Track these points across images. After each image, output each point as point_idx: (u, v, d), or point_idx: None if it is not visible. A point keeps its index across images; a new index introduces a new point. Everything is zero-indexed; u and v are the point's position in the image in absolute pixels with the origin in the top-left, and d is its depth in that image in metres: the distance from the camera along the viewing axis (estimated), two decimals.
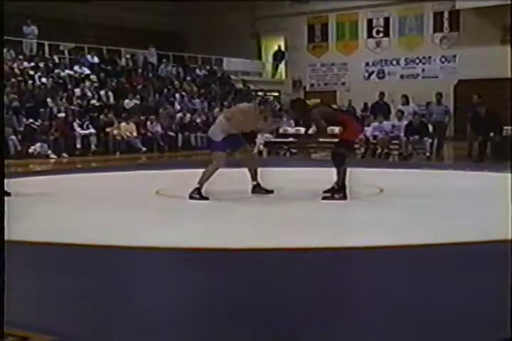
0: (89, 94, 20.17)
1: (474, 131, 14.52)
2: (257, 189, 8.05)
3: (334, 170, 7.66)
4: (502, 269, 4.20)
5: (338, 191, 7.52)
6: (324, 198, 7.54)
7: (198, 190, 7.66)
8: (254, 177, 8.09)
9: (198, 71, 25.84)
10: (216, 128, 7.96)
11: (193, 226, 6.00)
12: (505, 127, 14.57)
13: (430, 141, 15.28)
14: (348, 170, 7.81)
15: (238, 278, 4.28)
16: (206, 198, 7.61)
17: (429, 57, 26.12)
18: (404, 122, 15.59)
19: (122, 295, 3.89)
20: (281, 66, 29.75)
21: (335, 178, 7.65)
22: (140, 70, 23.82)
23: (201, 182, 7.70)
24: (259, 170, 8.12)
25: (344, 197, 7.47)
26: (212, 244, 5.24)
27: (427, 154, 15.21)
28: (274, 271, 4.49)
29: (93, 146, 17.99)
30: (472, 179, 10.57)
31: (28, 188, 9.08)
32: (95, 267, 4.66)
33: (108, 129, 18.44)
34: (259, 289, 4.00)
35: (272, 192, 8.03)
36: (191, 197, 7.62)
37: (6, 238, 3.32)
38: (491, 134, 14.11)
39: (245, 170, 8.13)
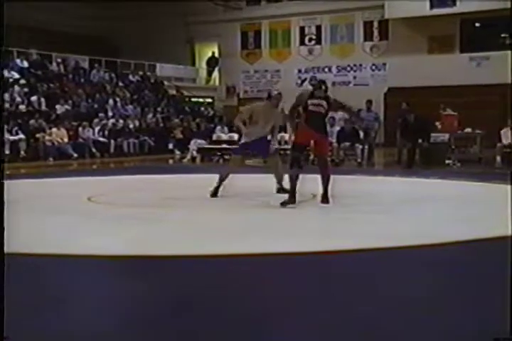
0: (19, 99, 19.74)
1: (403, 137, 14.87)
2: (282, 191, 8.41)
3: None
4: (423, 274, 4.35)
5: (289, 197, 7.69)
6: (282, 204, 7.61)
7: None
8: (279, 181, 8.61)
9: (130, 77, 25.61)
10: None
11: (124, 234, 5.96)
12: (432, 134, 14.97)
13: (361, 147, 15.54)
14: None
15: (168, 285, 4.28)
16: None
17: (360, 65, 26.64)
18: (337, 128, 15.82)
19: (51, 304, 3.84)
20: (215, 72, 29.80)
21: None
22: (71, 75, 23.46)
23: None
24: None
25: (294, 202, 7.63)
26: (143, 252, 5.23)
27: (358, 160, 15.46)
28: (205, 278, 4.50)
29: (22, 152, 17.62)
30: (401, 185, 10.84)
31: None
32: (24, 276, 4.57)
33: (38, 135, 18.10)
34: (190, 296, 4.01)
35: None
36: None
37: None
38: (420, 141, 14.49)
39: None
